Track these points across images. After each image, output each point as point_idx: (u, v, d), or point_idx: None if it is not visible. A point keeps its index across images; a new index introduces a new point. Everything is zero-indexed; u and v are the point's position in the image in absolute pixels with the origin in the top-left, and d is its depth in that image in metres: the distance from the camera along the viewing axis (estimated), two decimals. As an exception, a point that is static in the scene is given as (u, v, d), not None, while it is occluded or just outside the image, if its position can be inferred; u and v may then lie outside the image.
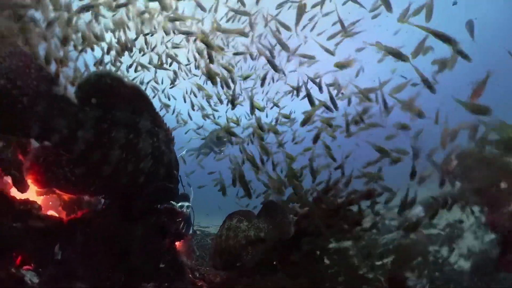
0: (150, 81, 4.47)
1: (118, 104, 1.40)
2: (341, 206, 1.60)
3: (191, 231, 3.44)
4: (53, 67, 1.56)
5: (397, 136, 2.05)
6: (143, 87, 2.22)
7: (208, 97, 4.02)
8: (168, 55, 3.41)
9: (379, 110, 2.02)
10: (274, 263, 1.66)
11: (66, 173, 1.31)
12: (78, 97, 1.29)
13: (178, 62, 3.67)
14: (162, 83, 4.76)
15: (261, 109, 2.53)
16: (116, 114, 1.40)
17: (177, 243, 1.75)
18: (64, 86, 1.28)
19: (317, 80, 2.50)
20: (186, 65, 4.23)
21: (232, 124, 3.18)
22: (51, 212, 1.57)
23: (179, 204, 3.36)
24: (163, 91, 4.94)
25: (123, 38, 2.58)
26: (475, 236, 2.71)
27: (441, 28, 1.56)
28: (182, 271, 1.65)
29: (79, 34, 1.99)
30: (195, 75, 4.33)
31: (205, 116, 4.70)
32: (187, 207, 3.46)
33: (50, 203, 1.60)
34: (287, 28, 2.79)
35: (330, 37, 2.78)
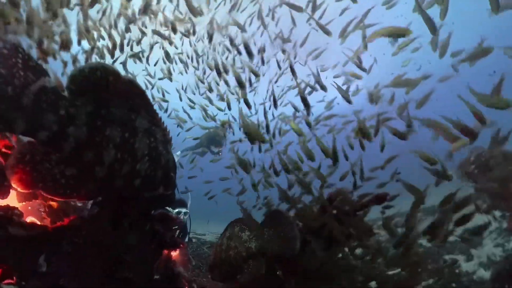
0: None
1: (113, 100, 1.30)
2: (352, 211, 1.47)
3: (187, 239, 3.30)
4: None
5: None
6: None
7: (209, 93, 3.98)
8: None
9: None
10: (278, 273, 1.54)
11: (54, 174, 1.19)
12: (70, 90, 1.18)
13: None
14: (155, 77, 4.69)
15: (299, 132, 2.42)
16: (111, 110, 1.29)
17: (172, 253, 1.62)
18: (54, 78, 1.17)
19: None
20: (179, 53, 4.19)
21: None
22: (32, 219, 1.43)
23: (176, 210, 3.24)
24: (153, 87, 4.87)
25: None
26: (495, 244, 2.60)
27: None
28: (178, 283, 1.52)
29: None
30: (194, 67, 4.29)
31: (206, 116, 4.61)
32: (185, 213, 3.34)
33: (30, 208, 1.46)
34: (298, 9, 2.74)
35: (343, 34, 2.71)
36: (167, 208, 3.21)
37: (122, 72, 1.36)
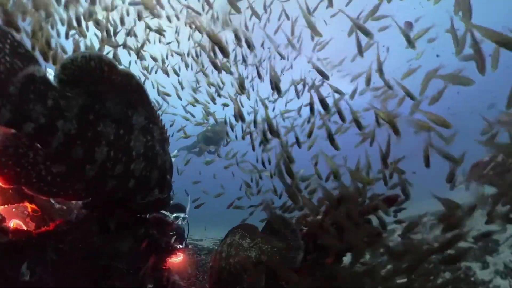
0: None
1: (109, 94, 1.20)
2: (363, 213, 1.36)
3: (183, 245, 3.17)
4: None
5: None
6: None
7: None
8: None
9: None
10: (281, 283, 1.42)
11: (40, 170, 1.09)
12: (60, 80, 1.09)
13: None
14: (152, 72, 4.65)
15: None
16: (105, 105, 1.20)
17: (168, 259, 1.50)
18: (44, 67, 1.08)
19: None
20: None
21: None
22: (16, 222, 1.32)
23: (174, 215, 3.13)
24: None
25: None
26: (513, 251, 2.47)
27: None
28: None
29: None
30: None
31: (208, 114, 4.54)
32: (183, 218, 3.22)
33: (14, 210, 1.36)
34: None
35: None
36: (164, 212, 3.11)
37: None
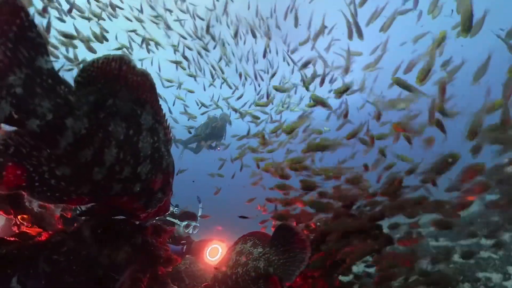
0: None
1: (120, 91, 1.12)
2: (371, 220, 1.40)
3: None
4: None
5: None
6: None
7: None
8: None
9: None
10: None
11: (43, 173, 0.98)
12: (76, 82, 1.00)
13: None
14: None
15: None
16: (116, 102, 1.11)
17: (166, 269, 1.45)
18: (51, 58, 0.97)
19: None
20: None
21: None
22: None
23: (185, 223, 2.90)
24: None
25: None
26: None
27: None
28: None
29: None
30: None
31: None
32: (194, 227, 3.00)
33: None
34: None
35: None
36: (174, 220, 2.93)
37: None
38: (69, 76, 1.02)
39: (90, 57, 1.17)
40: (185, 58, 4.66)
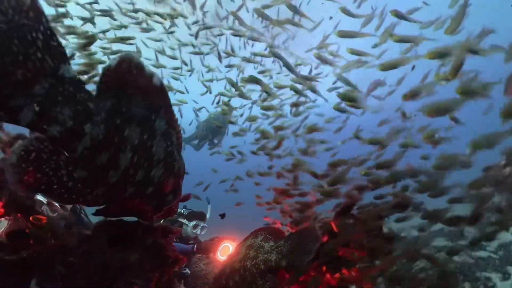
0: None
1: (134, 96, 1.15)
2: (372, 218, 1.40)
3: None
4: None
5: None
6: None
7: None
8: None
9: None
10: None
11: (61, 176, 1.02)
12: (99, 89, 1.03)
13: None
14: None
15: None
16: (131, 108, 1.15)
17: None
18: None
19: None
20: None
21: None
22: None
23: (193, 223, 2.91)
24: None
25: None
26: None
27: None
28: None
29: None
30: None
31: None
32: (202, 228, 2.99)
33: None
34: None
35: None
36: (183, 220, 2.94)
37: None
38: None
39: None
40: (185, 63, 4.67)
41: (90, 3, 3.28)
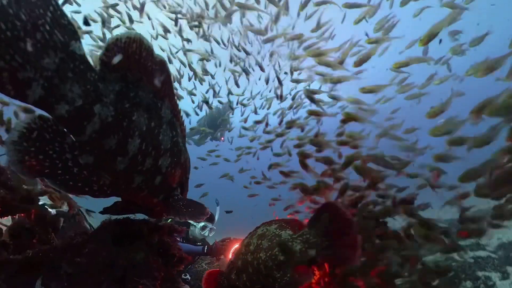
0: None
1: (142, 81, 1.12)
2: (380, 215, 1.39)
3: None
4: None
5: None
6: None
7: None
8: None
9: None
10: None
11: (66, 161, 0.94)
12: (102, 62, 0.98)
13: None
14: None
15: None
16: (139, 93, 1.11)
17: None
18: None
19: None
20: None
21: None
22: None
23: (202, 224, 2.80)
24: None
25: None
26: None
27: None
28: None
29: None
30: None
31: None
32: (210, 229, 2.91)
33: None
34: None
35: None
36: (191, 222, 2.80)
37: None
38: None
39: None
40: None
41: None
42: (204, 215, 1.19)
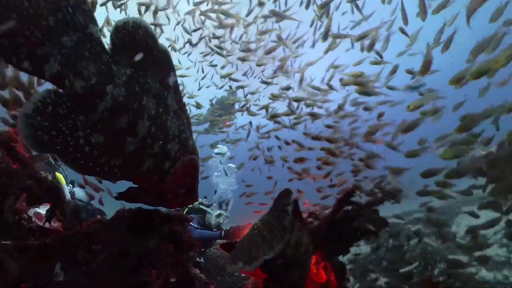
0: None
1: (149, 69, 1.16)
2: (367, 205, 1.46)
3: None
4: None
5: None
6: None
7: None
8: None
9: None
10: None
11: (78, 138, 0.95)
12: (113, 43, 1.02)
13: None
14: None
15: None
16: (147, 79, 1.14)
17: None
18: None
19: None
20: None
21: None
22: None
23: (217, 212, 2.96)
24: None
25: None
26: (500, 244, 2.48)
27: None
28: (195, 285, 1.27)
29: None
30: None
31: None
32: (225, 217, 3.12)
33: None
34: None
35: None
36: (206, 208, 3.05)
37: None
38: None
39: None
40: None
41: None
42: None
